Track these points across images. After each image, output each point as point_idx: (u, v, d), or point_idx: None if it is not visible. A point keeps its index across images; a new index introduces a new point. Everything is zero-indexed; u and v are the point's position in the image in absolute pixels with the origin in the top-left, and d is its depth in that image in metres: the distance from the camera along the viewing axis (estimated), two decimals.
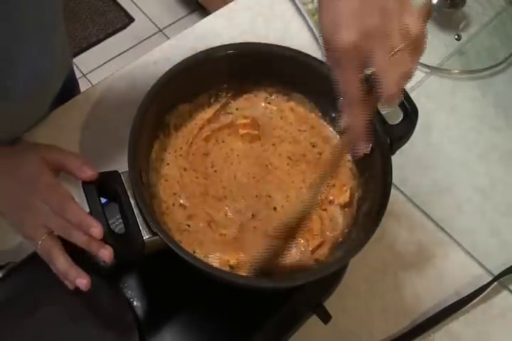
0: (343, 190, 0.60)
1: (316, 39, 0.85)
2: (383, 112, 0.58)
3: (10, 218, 0.55)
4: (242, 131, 0.61)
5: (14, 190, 0.53)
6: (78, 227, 0.50)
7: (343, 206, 0.59)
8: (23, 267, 0.58)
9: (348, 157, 0.60)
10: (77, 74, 0.93)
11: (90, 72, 1.79)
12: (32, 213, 0.52)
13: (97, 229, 0.49)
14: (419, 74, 0.85)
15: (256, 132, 0.62)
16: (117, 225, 0.57)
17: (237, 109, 0.63)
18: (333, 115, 0.61)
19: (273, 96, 0.64)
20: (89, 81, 1.73)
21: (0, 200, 0.55)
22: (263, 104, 0.63)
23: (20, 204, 0.53)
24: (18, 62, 0.59)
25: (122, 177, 0.53)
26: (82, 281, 0.51)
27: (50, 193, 0.52)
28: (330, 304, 0.61)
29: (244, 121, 0.62)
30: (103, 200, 0.52)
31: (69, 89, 0.85)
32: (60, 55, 0.71)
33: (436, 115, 0.82)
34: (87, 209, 0.51)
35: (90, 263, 0.53)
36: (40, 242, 0.52)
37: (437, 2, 0.88)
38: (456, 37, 0.88)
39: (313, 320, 0.60)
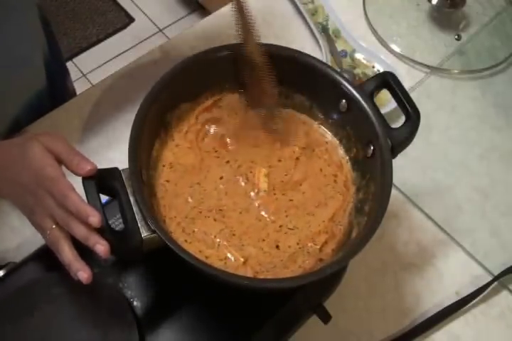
0: None
1: (316, 39, 0.85)
2: (383, 112, 0.59)
3: (21, 208, 0.56)
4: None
5: (20, 183, 0.54)
6: (77, 217, 0.50)
7: None
8: (23, 267, 0.58)
9: (348, 160, 0.61)
10: (77, 75, 0.94)
11: (90, 72, 1.79)
12: (40, 204, 0.52)
13: (95, 218, 0.49)
14: (419, 74, 0.85)
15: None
16: (117, 225, 0.57)
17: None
18: (335, 117, 0.61)
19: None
20: (89, 81, 1.73)
21: (10, 192, 0.55)
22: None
23: (28, 196, 0.53)
24: None
25: (122, 175, 0.53)
26: (84, 275, 0.51)
27: (53, 185, 0.52)
28: (330, 304, 0.61)
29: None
30: (103, 200, 0.52)
31: (59, 80, 0.85)
32: (35, 40, 0.73)
33: (436, 115, 0.82)
34: None
35: (93, 260, 0.53)
36: (48, 232, 0.52)
37: (437, 2, 0.88)
38: (456, 37, 0.88)
39: (313, 320, 0.60)
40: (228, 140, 0.61)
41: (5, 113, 0.74)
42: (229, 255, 0.55)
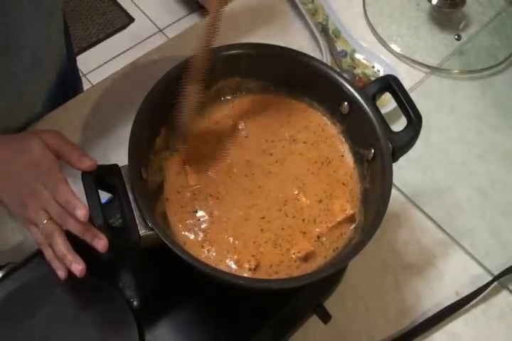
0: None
1: (317, 39, 0.85)
2: (384, 112, 0.59)
3: (13, 204, 0.55)
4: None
5: (18, 175, 0.54)
6: (66, 209, 0.50)
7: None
8: (23, 267, 0.58)
9: (352, 164, 0.61)
10: None
11: (90, 72, 1.79)
12: (34, 197, 0.52)
13: (82, 211, 0.49)
14: (419, 74, 0.85)
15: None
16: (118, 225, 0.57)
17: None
18: (337, 118, 0.61)
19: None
20: (89, 81, 1.73)
21: (5, 184, 0.55)
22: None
23: (24, 189, 0.53)
24: (20, 50, 0.62)
25: (122, 171, 0.53)
26: (78, 267, 0.51)
27: (49, 176, 0.52)
28: (330, 304, 0.61)
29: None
30: (104, 200, 0.52)
31: (69, 85, 0.85)
32: (56, 43, 0.73)
33: (436, 115, 0.82)
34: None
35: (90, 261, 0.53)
36: (42, 226, 0.52)
37: (437, 2, 0.88)
38: (456, 37, 0.88)
39: (313, 320, 0.60)
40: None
41: (13, 123, 0.74)
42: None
